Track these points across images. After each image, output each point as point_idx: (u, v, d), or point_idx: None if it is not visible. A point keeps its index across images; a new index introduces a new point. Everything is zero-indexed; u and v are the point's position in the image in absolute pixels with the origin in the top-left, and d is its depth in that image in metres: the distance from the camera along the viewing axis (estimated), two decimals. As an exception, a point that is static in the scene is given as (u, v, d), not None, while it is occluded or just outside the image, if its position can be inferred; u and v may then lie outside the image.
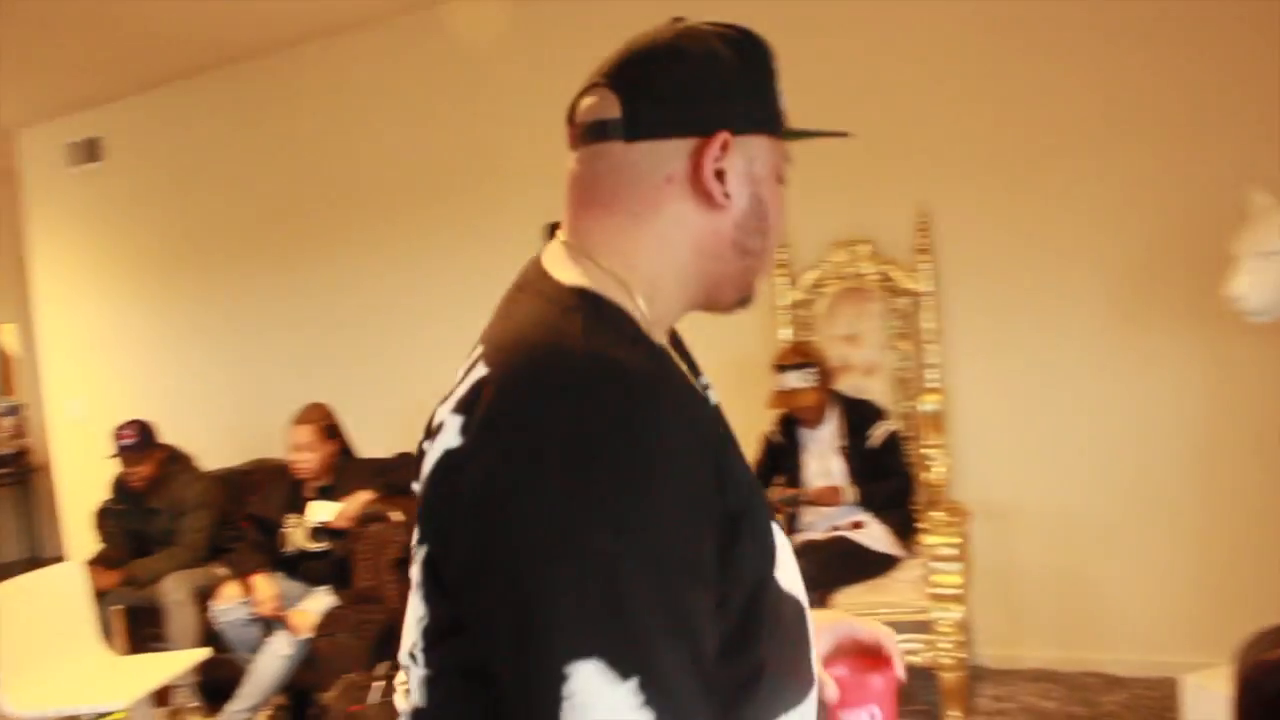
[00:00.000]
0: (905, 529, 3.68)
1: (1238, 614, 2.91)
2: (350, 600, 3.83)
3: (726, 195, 0.97)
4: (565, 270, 0.96)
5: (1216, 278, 2.99)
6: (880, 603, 3.41)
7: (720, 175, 0.96)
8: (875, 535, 3.59)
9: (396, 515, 3.83)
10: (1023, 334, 3.91)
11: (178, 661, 3.71)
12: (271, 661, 3.74)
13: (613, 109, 0.96)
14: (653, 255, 0.98)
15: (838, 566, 3.48)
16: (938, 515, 3.37)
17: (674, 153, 0.96)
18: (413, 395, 4.78)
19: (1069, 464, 3.86)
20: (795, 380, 3.65)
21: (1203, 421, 3.66)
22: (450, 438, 0.87)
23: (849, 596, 3.43)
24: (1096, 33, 3.72)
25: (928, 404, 3.80)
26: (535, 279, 0.97)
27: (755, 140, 0.99)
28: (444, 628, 0.90)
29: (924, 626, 3.38)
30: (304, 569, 3.97)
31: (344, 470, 4.03)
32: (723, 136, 0.95)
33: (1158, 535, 3.74)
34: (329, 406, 4.13)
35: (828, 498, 3.63)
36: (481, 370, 0.89)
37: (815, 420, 3.71)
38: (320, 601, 3.84)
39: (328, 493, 3.97)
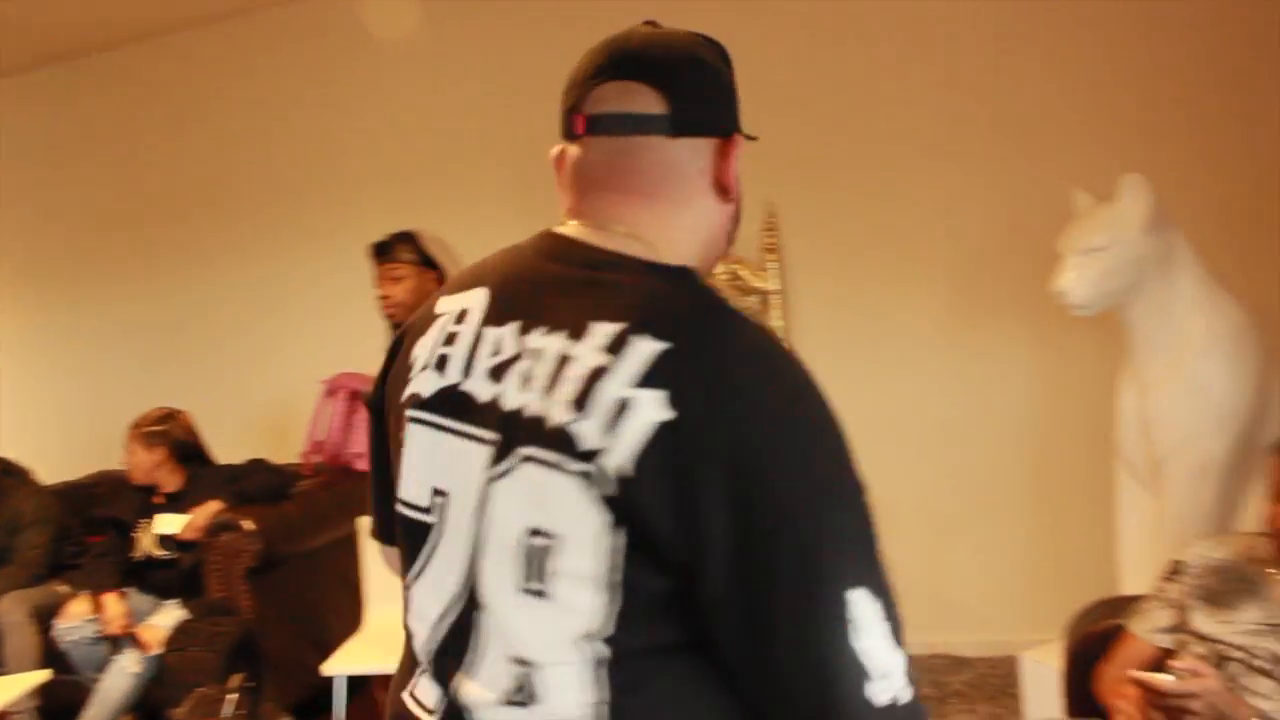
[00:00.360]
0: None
1: (1068, 593, 3.07)
2: (202, 612, 3.73)
3: (735, 191, 1.10)
4: (637, 249, 1.02)
5: (1046, 275, 3.14)
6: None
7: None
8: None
9: (248, 524, 3.74)
10: (866, 330, 4.05)
11: (15, 685, 3.55)
12: (119, 680, 3.62)
13: (654, 105, 1.04)
14: (686, 241, 1.06)
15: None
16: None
17: (705, 150, 1.06)
18: (264, 398, 4.70)
19: (911, 456, 4.01)
20: None
21: (1035, 411, 3.85)
22: (655, 411, 0.87)
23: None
24: (936, 38, 3.88)
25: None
26: (607, 258, 1.01)
27: (741, 141, 1.10)
28: (651, 605, 0.91)
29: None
30: (153, 580, 3.86)
31: (195, 478, 3.93)
32: (738, 138, 1.08)
33: (996, 521, 3.93)
34: (172, 411, 4.01)
35: None
36: (652, 343, 0.90)
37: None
38: (170, 615, 3.73)
39: (177, 500, 3.86)
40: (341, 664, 3.26)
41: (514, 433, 0.95)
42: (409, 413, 1.07)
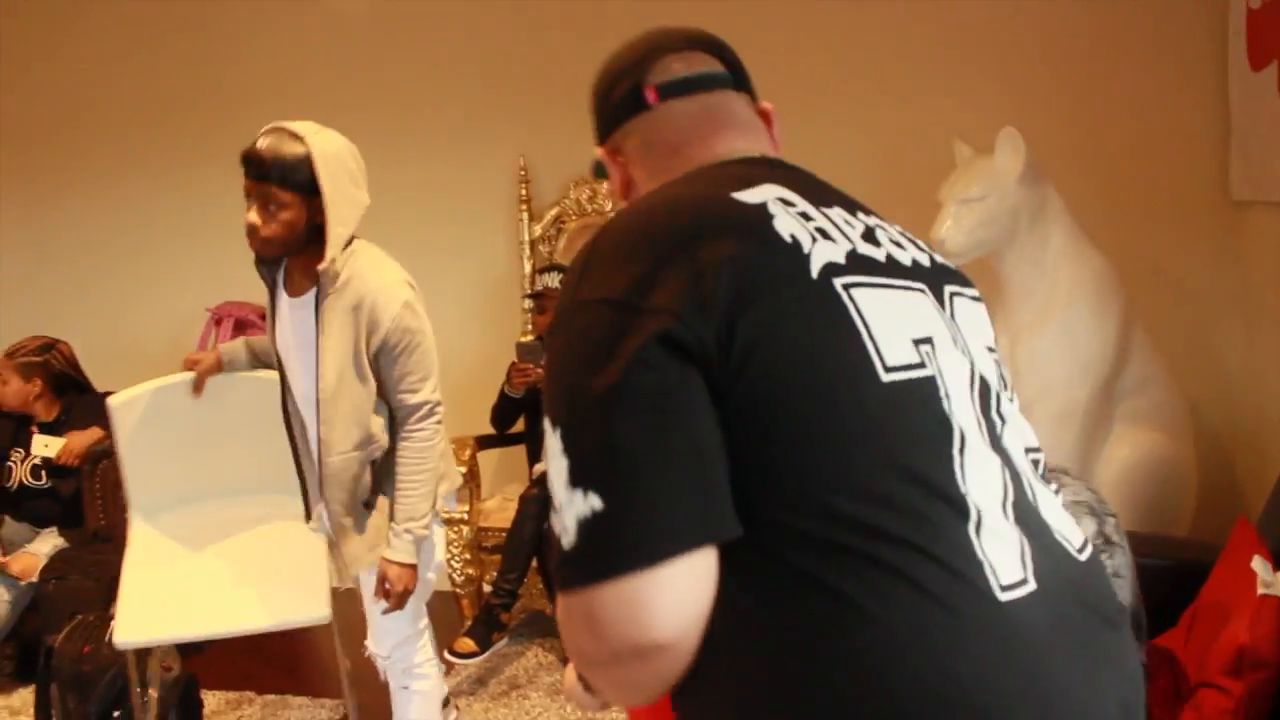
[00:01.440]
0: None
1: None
2: (81, 540, 3.69)
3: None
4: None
5: (925, 223, 3.23)
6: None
7: None
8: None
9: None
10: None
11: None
12: (-8, 607, 3.57)
13: (718, 66, 1.26)
14: None
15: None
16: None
17: (752, 108, 1.29)
18: (149, 326, 4.61)
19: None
20: (553, 280, 3.75)
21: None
22: None
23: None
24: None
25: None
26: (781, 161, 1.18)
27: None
28: None
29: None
30: (30, 509, 3.80)
31: (73, 407, 3.86)
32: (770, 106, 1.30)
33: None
34: (51, 341, 3.91)
35: None
36: (896, 226, 1.14)
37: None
38: (48, 543, 3.69)
39: (53, 429, 3.79)
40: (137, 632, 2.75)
41: (930, 278, 1.08)
42: (839, 282, 0.97)
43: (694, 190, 1.05)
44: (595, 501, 0.88)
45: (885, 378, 0.93)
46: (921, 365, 0.96)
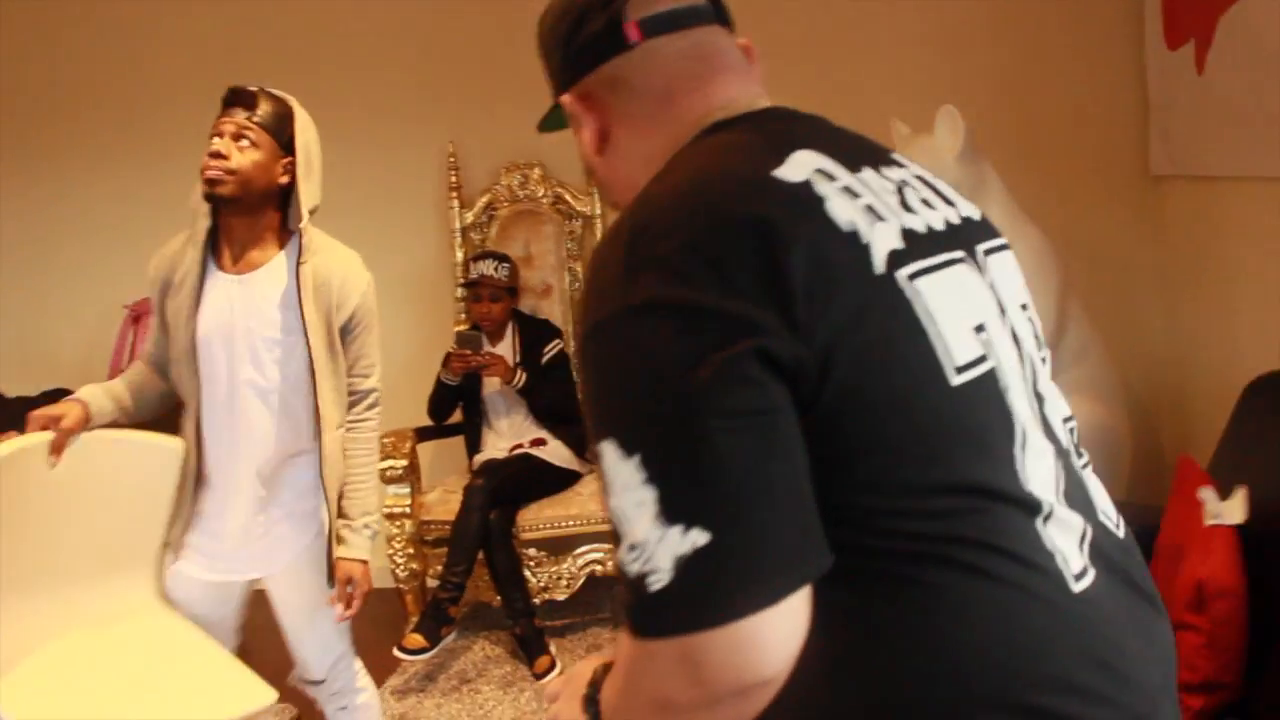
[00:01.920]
0: (583, 445, 3.82)
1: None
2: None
3: None
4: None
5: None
6: (565, 516, 3.54)
7: None
8: (557, 452, 3.70)
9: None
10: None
11: None
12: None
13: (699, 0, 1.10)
14: None
15: (524, 482, 3.57)
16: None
17: (734, 43, 1.15)
18: (65, 325, 4.41)
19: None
20: (488, 268, 3.69)
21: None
22: None
23: (535, 511, 3.54)
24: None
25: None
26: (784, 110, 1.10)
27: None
28: None
29: (607, 537, 3.55)
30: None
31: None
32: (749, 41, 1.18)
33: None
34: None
35: (500, 367, 3.65)
36: (912, 168, 1.07)
37: (496, 335, 3.76)
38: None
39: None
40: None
41: (965, 240, 1.01)
42: (902, 274, 0.91)
43: (729, 168, 0.94)
44: (699, 537, 0.79)
45: (954, 380, 0.90)
46: (984, 359, 0.93)
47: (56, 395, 3.82)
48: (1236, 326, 3.22)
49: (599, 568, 3.57)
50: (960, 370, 0.90)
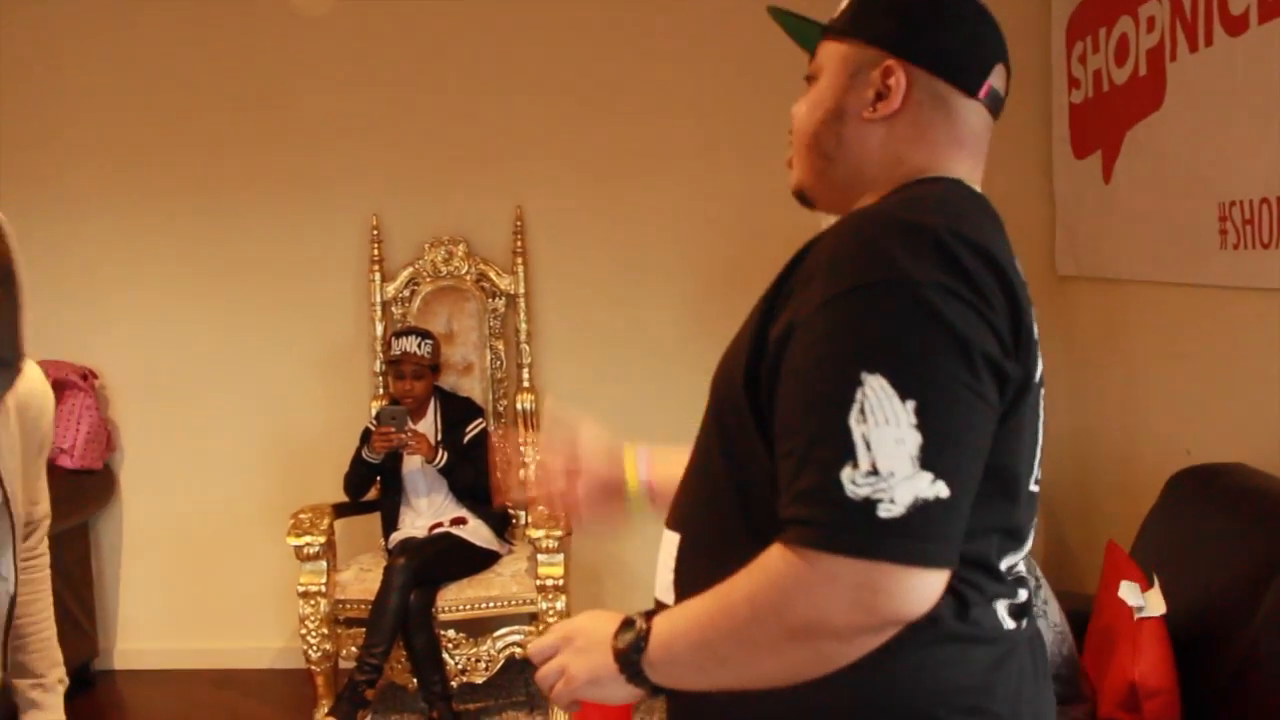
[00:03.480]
0: (503, 525, 3.78)
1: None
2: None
3: None
4: None
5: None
6: (485, 596, 3.48)
7: None
8: (477, 531, 3.65)
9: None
10: (609, 337, 4.13)
11: None
12: None
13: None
14: None
15: (445, 562, 3.51)
16: (543, 509, 3.48)
17: None
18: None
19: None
20: (411, 344, 3.63)
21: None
22: None
23: (456, 591, 3.47)
24: (691, 51, 4.03)
25: (524, 402, 3.95)
26: None
27: None
28: None
29: (530, 619, 3.50)
30: None
31: None
32: None
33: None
34: None
35: (424, 446, 3.59)
36: None
37: (417, 413, 3.71)
38: None
39: None
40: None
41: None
42: (1037, 383, 1.06)
43: (995, 229, 1.07)
44: (942, 490, 0.90)
45: (1032, 488, 1.10)
46: (1031, 477, 1.11)
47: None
48: (1138, 425, 3.37)
49: (518, 649, 3.51)
50: (1036, 482, 1.11)
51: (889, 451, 0.89)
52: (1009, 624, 1.06)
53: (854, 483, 0.89)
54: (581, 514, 1.41)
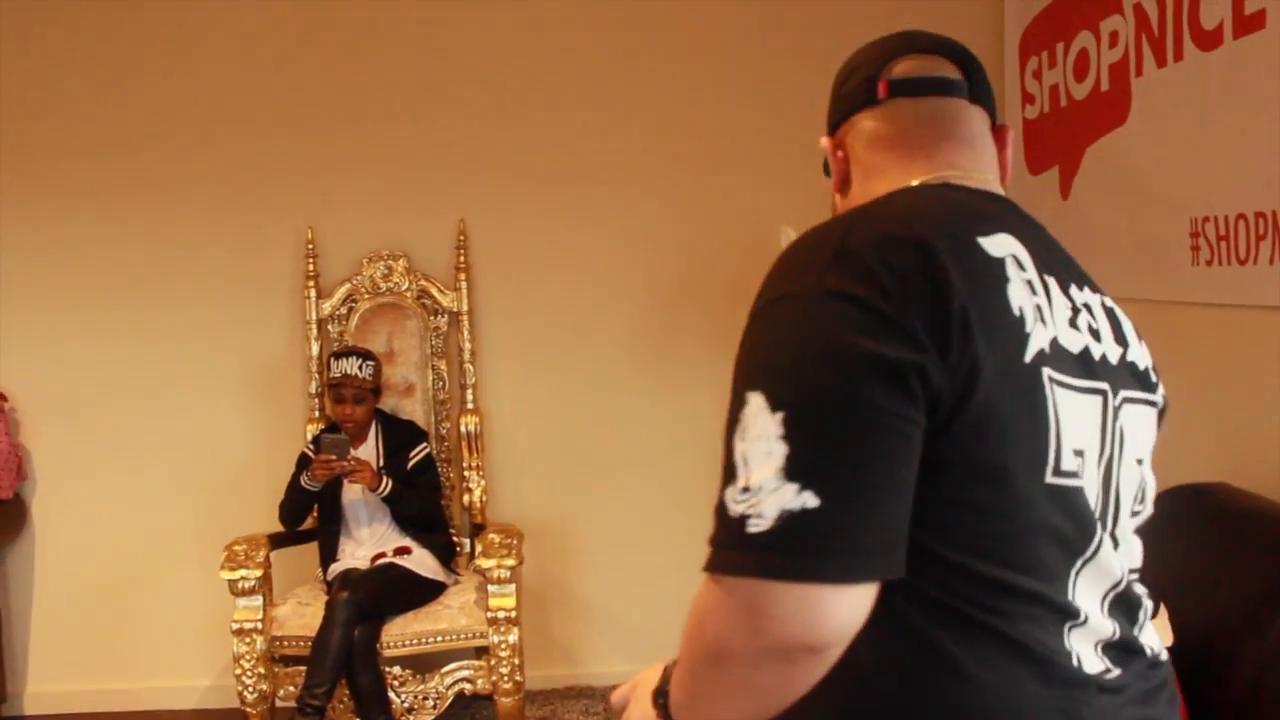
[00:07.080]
0: (449, 553, 3.62)
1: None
2: None
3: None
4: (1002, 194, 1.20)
5: (738, 307, 3.22)
6: (433, 631, 3.30)
7: None
8: (422, 561, 3.47)
9: None
10: (554, 354, 3.99)
11: None
12: None
13: (956, 74, 1.21)
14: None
15: (389, 595, 3.32)
16: (493, 537, 3.32)
17: (987, 126, 1.23)
18: None
19: (599, 479, 3.98)
20: (352, 366, 3.45)
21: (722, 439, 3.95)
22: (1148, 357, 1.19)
23: (401, 626, 3.29)
24: (642, 68, 3.91)
25: (468, 424, 3.78)
26: (1015, 208, 1.16)
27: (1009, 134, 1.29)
28: None
29: (480, 653, 3.34)
30: None
31: None
32: (1008, 129, 1.26)
33: (681, 547, 3.97)
34: None
35: (367, 474, 3.39)
36: (1106, 299, 1.17)
37: (358, 438, 3.52)
38: None
39: None
40: None
41: (1113, 378, 1.08)
42: (1045, 371, 1.00)
43: (942, 215, 1.04)
44: (810, 500, 0.86)
45: (1049, 479, 0.98)
46: (1076, 475, 1.01)
47: None
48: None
49: (468, 685, 3.34)
50: (1058, 474, 0.99)
51: (758, 465, 0.89)
52: (1089, 664, 1.01)
53: (735, 501, 0.90)
54: None
